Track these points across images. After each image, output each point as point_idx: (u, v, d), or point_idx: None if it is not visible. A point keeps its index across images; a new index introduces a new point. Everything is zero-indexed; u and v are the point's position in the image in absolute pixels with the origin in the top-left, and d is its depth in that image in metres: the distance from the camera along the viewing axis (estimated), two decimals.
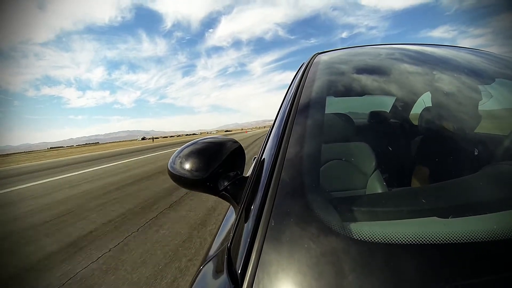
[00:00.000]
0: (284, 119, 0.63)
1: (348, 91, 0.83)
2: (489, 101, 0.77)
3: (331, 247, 0.34)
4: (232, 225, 0.56)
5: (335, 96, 0.89)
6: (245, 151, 0.71)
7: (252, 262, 0.35)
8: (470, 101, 0.75)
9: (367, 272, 0.31)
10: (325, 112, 0.67)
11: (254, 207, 0.45)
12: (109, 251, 2.71)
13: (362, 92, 0.80)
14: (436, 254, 0.32)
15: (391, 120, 1.26)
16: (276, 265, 0.34)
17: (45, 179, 8.24)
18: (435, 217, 0.39)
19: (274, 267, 0.34)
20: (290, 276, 0.32)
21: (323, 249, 0.34)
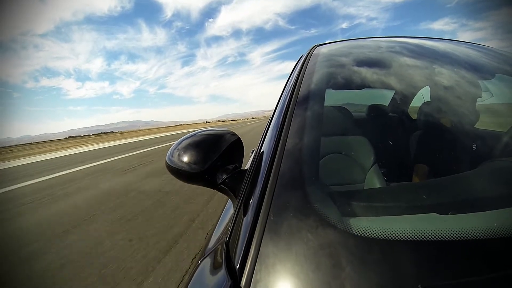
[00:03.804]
0: (283, 112, 0.62)
1: (347, 84, 0.82)
2: (489, 97, 0.77)
3: (331, 242, 0.34)
4: (231, 219, 0.55)
5: (334, 89, 0.88)
6: None
7: (250, 257, 0.35)
8: (470, 97, 0.74)
9: (365, 267, 0.31)
10: (324, 105, 0.67)
11: (253, 201, 0.45)
12: None
13: (361, 85, 0.79)
14: (435, 250, 0.32)
15: (390, 114, 1.26)
16: (275, 259, 0.34)
17: None
18: (434, 213, 0.39)
19: (273, 261, 0.34)
20: (288, 271, 0.32)
21: (322, 243, 0.34)
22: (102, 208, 3.62)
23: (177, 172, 0.59)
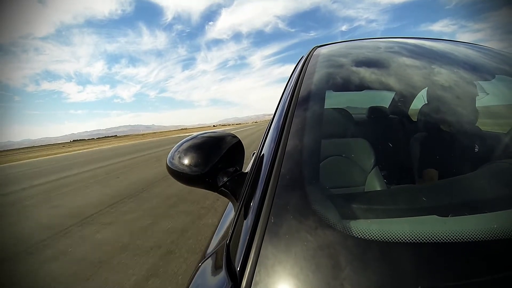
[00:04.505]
0: (283, 114, 0.62)
1: (347, 86, 0.82)
2: (488, 97, 0.77)
3: (331, 244, 0.34)
4: (231, 221, 0.55)
5: (334, 91, 0.88)
6: None
7: (251, 259, 0.35)
8: (470, 98, 0.74)
9: (367, 269, 0.31)
10: (325, 107, 0.66)
11: (253, 204, 0.45)
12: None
13: (361, 87, 0.80)
14: (435, 252, 0.32)
15: (390, 116, 1.26)
16: (276, 262, 0.34)
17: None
18: (434, 215, 0.39)
19: (273, 264, 0.34)
20: (289, 273, 0.32)
21: (323, 246, 0.34)
22: None
23: (178, 174, 0.59)
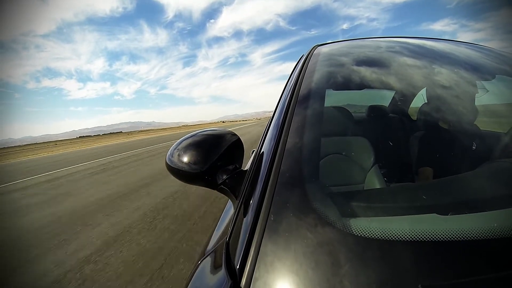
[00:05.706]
0: (283, 112, 0.62)
1: (347, 84, 0.82)
2: (488, 97, 0.77)
3: (331, 242, 0.34)
4: (231, 219, 0.55)
5: (334, 89, 0.88)
6: None
7: (250, 257, 0.35)
8: (470, 98, 0.74)
9: (366, 267, 0.31)
10: (325, 105, 0.66)
11: (253, 201, 0.45)
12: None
13: (361, 86, 0.79)
14: (435, 251, 0.32)
15: (390, 114, 1.26)
16: (275, 259, 0.34)
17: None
18: (434, 213, 0.39)
19: (273, 261, 0.34)
20: (289, 271, 0.32)
21: (323, 244, 0.34)
22: None
23: (177, 172, 0.59)
